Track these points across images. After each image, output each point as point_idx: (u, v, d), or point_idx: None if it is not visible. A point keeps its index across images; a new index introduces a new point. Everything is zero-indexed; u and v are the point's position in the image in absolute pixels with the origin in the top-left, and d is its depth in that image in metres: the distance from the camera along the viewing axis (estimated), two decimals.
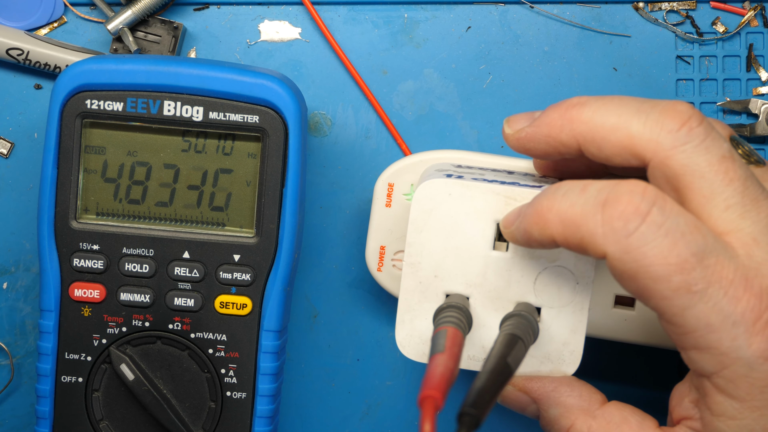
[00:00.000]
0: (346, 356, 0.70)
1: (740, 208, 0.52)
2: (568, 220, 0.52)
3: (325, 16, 0.70)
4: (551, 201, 0.53)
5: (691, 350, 0.52)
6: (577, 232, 0.51)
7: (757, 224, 0.52)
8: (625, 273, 0.51)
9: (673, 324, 0.51)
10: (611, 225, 0.50)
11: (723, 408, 0.52)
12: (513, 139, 0.57)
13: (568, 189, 0.52)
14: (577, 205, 0.52)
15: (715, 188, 0.52)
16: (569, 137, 0.55)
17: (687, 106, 0.53)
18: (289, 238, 0.63)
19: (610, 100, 0.54)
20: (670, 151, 0.52)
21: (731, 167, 0.52)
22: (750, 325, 0.50)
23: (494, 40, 0.70)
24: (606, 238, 0.50)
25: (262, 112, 0.62)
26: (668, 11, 0.70)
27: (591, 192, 0.51)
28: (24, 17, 0.69)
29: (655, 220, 0.50)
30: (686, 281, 0.50)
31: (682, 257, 0.50)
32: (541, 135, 0.56)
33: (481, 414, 0.47)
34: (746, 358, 0.50)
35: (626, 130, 0.53)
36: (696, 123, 0.52)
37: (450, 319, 0.55)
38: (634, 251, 0.50)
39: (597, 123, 0.54)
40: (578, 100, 0.55)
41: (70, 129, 0.63)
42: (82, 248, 0.63)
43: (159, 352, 0.64)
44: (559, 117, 0.55)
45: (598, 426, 0.56)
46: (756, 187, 0.52)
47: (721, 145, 0.52)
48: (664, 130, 0.52)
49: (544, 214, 0.53)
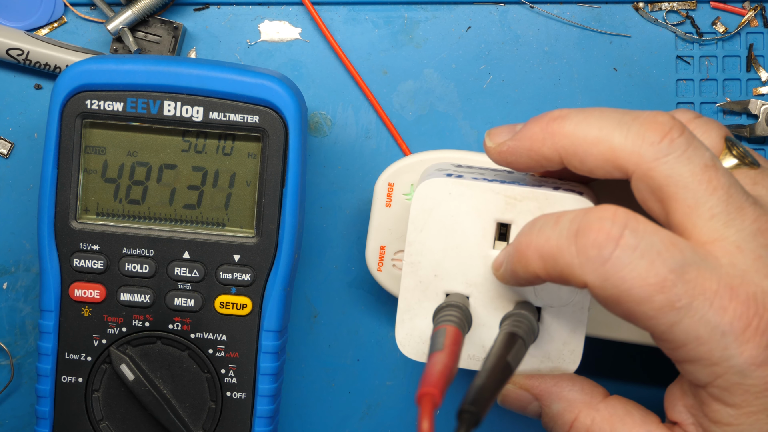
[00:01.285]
0: (346, 356, 0.70)
1: (725, 216, 0.52)
2: (546, 254, 0.52)
3: (325, 16, 0.70)
4: (528, 238, 0.53)
5: (685, 363, 0.52)
6: (556, 266, 0.52)
7: (741, 232, 0.52)
8: (608, 299, 0.51)
9: (663, 341, 0.51)
10: (586, 254, 0.51)
11: (720, 415, 0.52)
12: (494, 153, 0.57)
13: (543, 223, 0.53)
14: (552, 238, 0.52)
15: (699, 198, 0.52)
16: (551, 151, 0.55)
17: (667, 117, 0.53)
18: (289, 238, 0.63)
19: (591, 113, 0.54)
20: (653, 163, 0.52)
21: (714, 176, 0.52)
22: (739, 333, 0.50)
23: (494, 40, 0.70)
24: (583, 268, 0.51)
25: (262, 112, 0.62)
26: (668, 11, 0.70)
27: (563, 224, 0.52)
28: (24, 17, 0.69)
29: (629, 243, 0.50)
30: (668, 299, 0.50)
31: (660, 276, 0.50)
32: (523, 149, 0.55)
33: (481, 412, 0.47)
34: (738, 366, 0.51)
35: (608, 143, 0.53)
36: (677, 134, 0.52)
37: (449, 318, 0.55)
38: (612, 277, 0.50)
39: (579, 136, 0.54)
40: (559, 113, 0.55)
41: (70, 129, 0.63)
42: (82, 248, 0.63)
43: (159, 353, 0.64)
44: (540, 130, 0.55)
45: (601, 419, 0.56)
46: (740, 194, 0.52)
47: (704, 154, 0.52)
48: (646, 142, 0.52)
49: (524, 251, 0.53)
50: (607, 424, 0.56)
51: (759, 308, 0.51)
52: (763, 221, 0.52)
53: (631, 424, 0.56)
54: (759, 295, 0.51)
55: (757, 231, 0.52)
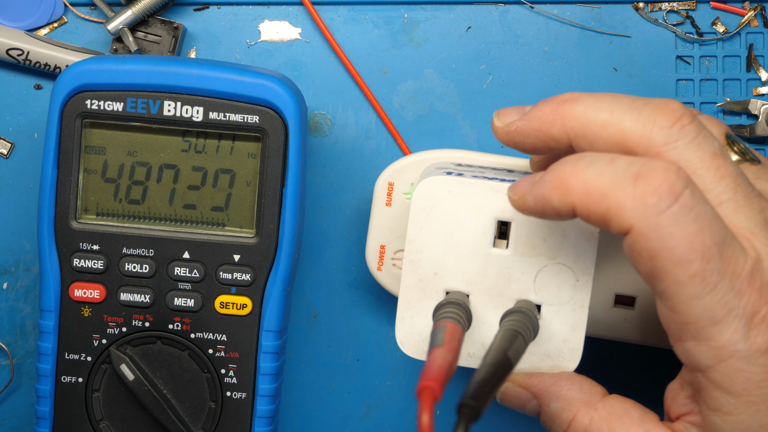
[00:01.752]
0: (346, 356, 0.70)
1: (733, 203, 0.52)
2: (594, 188, 0.50)
3: (325, 16, 0.70)
4: (576, 168, 0.51)
5: (689, 341, 0.51)
6: (603, 202, 0.50)
7: (751, 219, 0.52)
8: (645, 251, 0.50)
9: (676, 312, 0.51)
10: (643, 200, 0.49)
11: (719, 403, 0.52)
12: (502, 132, 0.56)
13: (595, 158, 0.51)
14: (606, 174, 0.50)
15: (707, 184, 0.52)
16: (560, 132, 0.54)
17: (678, 104, 0.53)
18: (289, 238, 0.63)
19: (602, 97, 0.54)
20: (662, 148, 0.52)
21: (723, 164, 0.52)
22: (749, 319, 0.50)
23: (494, 40, 0.70)
24: (635, 212, 0.49)
25: (262, 112, 0.62)
26: (668, 11, 0.70)
27: (621, 164, 0.50)
28: (24, 17, 0.69)
29: (687, 202, 0.49)
30: (704, 270, 0.50)
31: (706, 245, 0.49)
32: (532, 129, 0.55)
33: (481, 406, 0.47)
34: (744, 351, 0.50)
35: (618, 126, 0.53)
36: (688, 120, 0.52)
37: (449, 315, 0.55)
38: (662, 230, 0.49)
39: (589, 118, 0.53)
40: (570, 95, 0.54)
41: (70, 129, 0.63)
42: (82, 248, 0.63)
43: (159, 353, 0.64)
44: (550, 111, 0.55)
45: (600, 418, 0.56)
46: (747, 184, 0.52)
47: (712, 142, 0.52)
48: (657, 126, 0.52)
49: (567, 179, 0.51)
50: (605, 424, 0.56)
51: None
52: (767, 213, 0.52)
53: (629, 423, 0.56)
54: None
55: (764, 221, 0.52)
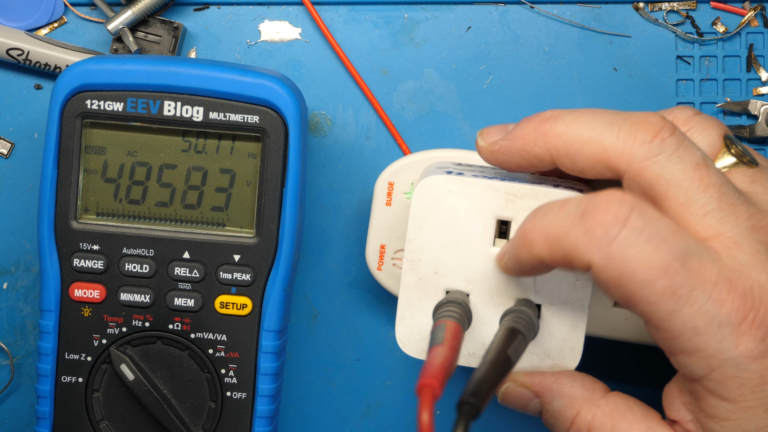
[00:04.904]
0: (346, 356, 0.70)
1: (718, 213, 0.52)
2: (550, 236, 0.52)
3: (325, 16, 0.70)
4: (533, 222, 0.53)
5: (680, 354, 0.52)
6: (561, 247, 0.52)
7: (736, 228, 0.52)
8: (611, 281, 0.51)
9: (660, 329, 0.51)
10: (592, 234, 0.50)
11: (716, 410, 0.52)
12: (486, 152, 0.57)
13: (548, 208, 0.53)
14: (558, 219, 0.52)
15: (691, 195, 0.52)
16: (543, 151, 0.55)
17: (658, 117, 0.53)
18: (289, 238, 0.63)
19: (583, 113, 0.55)
20: (644, 162, 0.53)
21: (706, 174, 0.52)
22: (736, 325, 0.50)
23: (494, 40, 0.70)
24: (588, 247, 0.51)
25: (262, 112, 0.62)
26: (668, 11, 0.70)
27: (570, 206, 0.52)
28: (24, 17, 0.69)
29: (636, 225, 0.50)
30: (671, 285, 0.50)
31: (665, 261, 0.50)
32: (515, 149, 0.56)
33: (481, 403, 0.48)
34: (734, 358, 0.51)
35: (600, 142, 0.53)
36: (668, 134, 0.53)
37: (450, 314, 0.55)
38: (617, 257, 0.50)
39: (571, 136, 0.54)
40: (551, 113, 0.55)
41: (70, 129, 0.63)
42: (82, 248, 0.63)
43: (159, 353, 0.64)
44: (532, 130, 0.55)
45: (602, 414, 0.56)
46: (732, 192, 0.53)
47: (695, 153, 0.53)
48: (637, 141, 0.53)
49: (528, 235, 0.53)
50: (609, 420, 0.56)
51: (755, 302, 0.51)
52: (756, 219, 0.53)
53: (632, 420, 0.56)
54: (756, 289, 0.51)
55: (752, 228, 0.52)
